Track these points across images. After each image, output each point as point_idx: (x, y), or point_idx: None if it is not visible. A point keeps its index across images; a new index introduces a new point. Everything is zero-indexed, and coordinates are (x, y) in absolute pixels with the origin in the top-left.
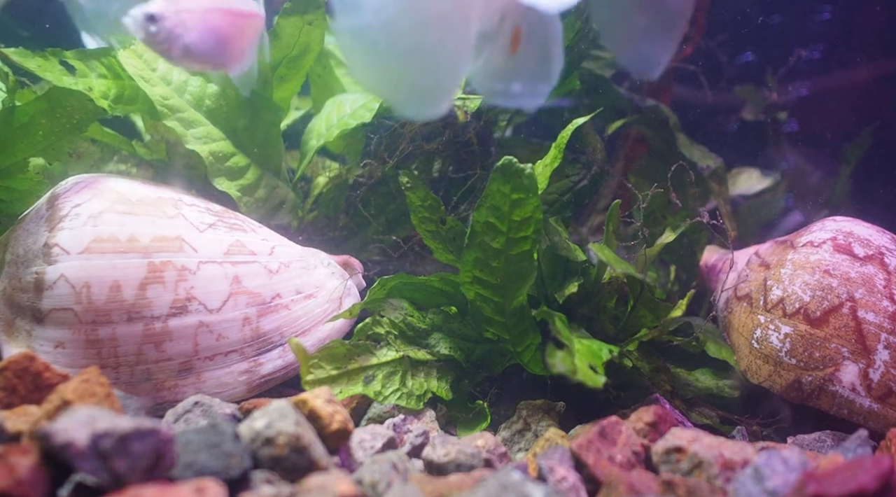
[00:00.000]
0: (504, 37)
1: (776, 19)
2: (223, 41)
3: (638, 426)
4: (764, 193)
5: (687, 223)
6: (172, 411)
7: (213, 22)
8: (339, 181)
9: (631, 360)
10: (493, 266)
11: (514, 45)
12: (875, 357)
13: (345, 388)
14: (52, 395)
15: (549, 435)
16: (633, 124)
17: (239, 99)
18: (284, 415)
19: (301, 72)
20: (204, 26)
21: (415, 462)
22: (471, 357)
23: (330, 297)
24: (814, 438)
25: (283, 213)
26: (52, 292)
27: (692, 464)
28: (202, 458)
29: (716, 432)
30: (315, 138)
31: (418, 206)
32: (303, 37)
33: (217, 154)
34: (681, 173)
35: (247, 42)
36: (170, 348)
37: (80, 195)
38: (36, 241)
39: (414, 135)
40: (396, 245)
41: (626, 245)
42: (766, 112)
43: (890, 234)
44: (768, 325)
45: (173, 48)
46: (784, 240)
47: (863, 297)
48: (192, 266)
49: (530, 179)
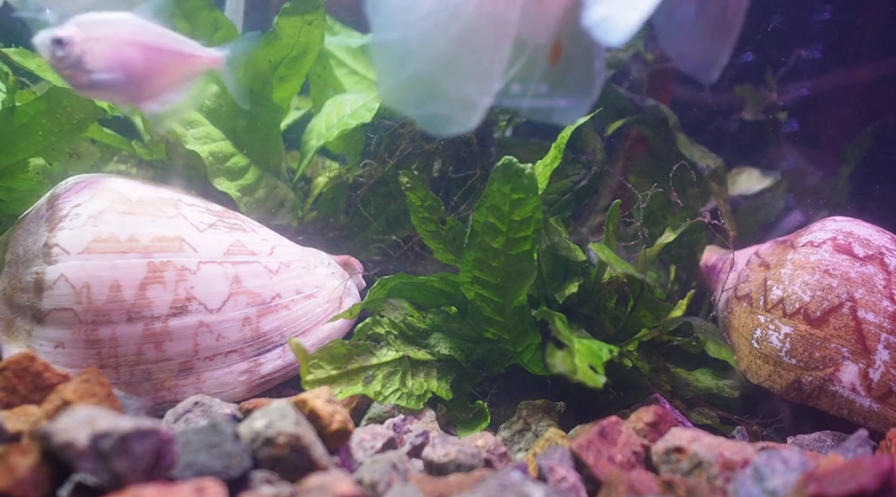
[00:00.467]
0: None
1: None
2: (136, 76)
3: (638, 426)
4: (764, 193)
5: (687, 223)
6: (172, 411)
7: (128, 54)
8: (339, 181)
9: (631, 360)
10: (493, 266)
11: (553, 57)
12: (875, 357)
13: (345, 388)
14: (52, 395)
15: (549, 435)
16: (633, 124)
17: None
18: (284, 415)
19: (301, 72)
20: (116, 57)
21: (415, 462)
22: (471, 357)
23: (330, 297)
24: (814, 438)
25: (283, 213)
26: (52, 292)
27: (692, 464)
28: (202, 458)
29: (716, 432)
30: (315, 138)
31: (418, 206)
32: (302, 37)
33: (217, 154)
34: (681, 173)
35: (168, 81)
36: (170, 348)
37: (80, 195)
38: (36, 241)
39: (414, 135)
40: (396, 245)
41: (626, 245)
42: (766, 112)
43: (890, 234)
44: (768, 325)
45: (78, 75)
46: (784, 240)
47: (863, 297)
48: (192, 266)
49: (530, 179)
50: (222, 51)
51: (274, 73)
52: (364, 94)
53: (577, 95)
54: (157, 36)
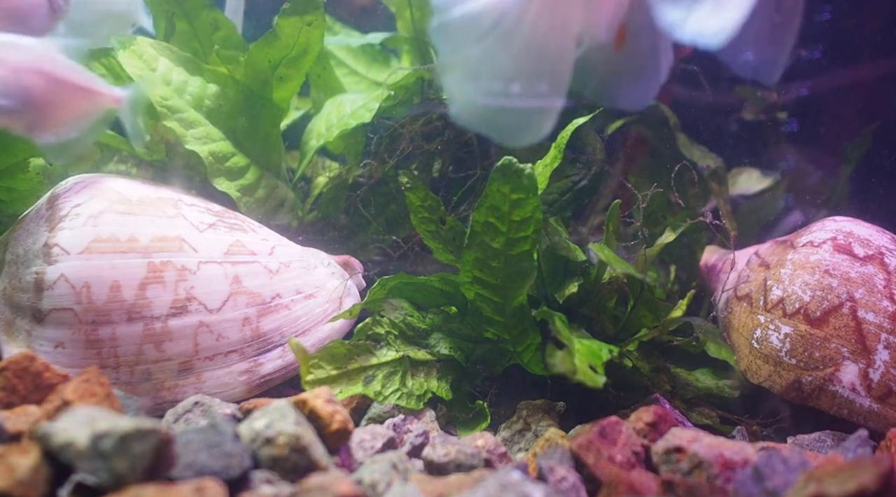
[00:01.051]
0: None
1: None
2: (34, 105)
3: (638, 426)
4: (764, 193)
5: (687, 223)
6: (172, 411)
7: (26, 82)
8: (339, 181)
9: (631, 360)
10: (493, 266)
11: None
12: (875, 357)
13: (345, 388)
14: (52, 395)
15: (549, 435)
16: (633, 124)
17: (238, 99)
18: (284, 415)
19: (301, 72)
20: (15, 83)
21: (415, 462)
22: (471, 357)
23: (330, 297)
24: (814, 438)
25: (283, 213)
26: (52, 292)
27: (692, 464)
28: (202, 458)
29: (716, 432)
30: (315, 138)
31: (418, 207)
32: (302, 37)
33: (217, 154)
34: (681, 173)
35: (67, 115)
36: (170, 348)
37: (80, 195)
38: (36, 241)
39: (414, 135)
40: (396, 245)
41: (626, 245)
42: (766, 112)
43: (890, 234)
44: (768, 325)
45: None
46: (784, 240)
47: (863, 297)
48: (192, 266)
49: (530, 179)
50: (125, 91)
51: (274, 73)
52: (364, 94)
53: (645, 78)
54: (61, 67)
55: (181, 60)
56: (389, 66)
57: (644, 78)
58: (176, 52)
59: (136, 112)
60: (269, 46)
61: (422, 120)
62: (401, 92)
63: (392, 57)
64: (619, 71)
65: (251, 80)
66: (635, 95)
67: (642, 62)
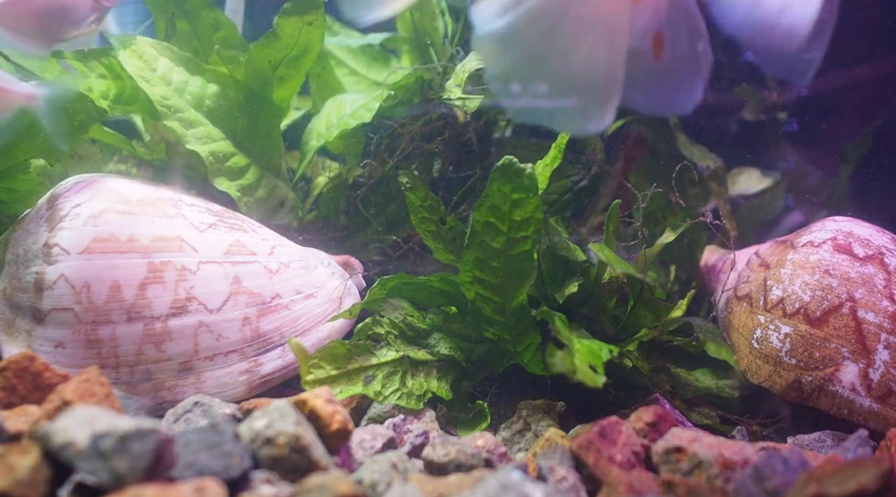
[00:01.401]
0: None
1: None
2: None
3: (638, 426)
4: (764, 193)
5: (687, 223)
6: (172, 411)
7: None
8: (339, 181)
9: (631, 360)
10: (493, 266)
11: (657, 52)
12: (875, 357)
13: (345, 388)
14: (52, 395)
15: (549, 435)
16: (633, 124)
17: (239, 99)
18: (284, 415)
19: (301, 72)
20: None
21: (415, 462)
22: (471, 357)
23: (330, 297)
24: (814, 438)
25: (283, 213)
26: (52, 292)
27: (692, 464)
28: (202, 458)
29: (716, 432)
30: (315, 138)
31: (418, 206)
32: (302, 37)
33: (217, 154)
34: (681, 173)
35: None
36: (170, 348)
37: (80, 195)
38: (36, 241)
39: (414, 135)
40: (396, 245)
41: (626, 245)
42: (766, 112)
43: (890, 234)
44: (768, 325)
45: None
46: (784, 240)
47: (863, 297)
48: (192, 266)
49: (530, 179)
50: (40, 88)
51: (274, 73)
52: (364, 94)
53: (689, 82)
54: None
55: (181, 60)
56: (389, 66)
57: (687, 82)
58: (176, 52)
59: (56, 110)
60: (269, 46)
61: (422, 120)
62: (401, 92)
63: (392, 57)
64: (661, 79)
65: (251, 80)
66: (680, 100)
67: (683, 67)
